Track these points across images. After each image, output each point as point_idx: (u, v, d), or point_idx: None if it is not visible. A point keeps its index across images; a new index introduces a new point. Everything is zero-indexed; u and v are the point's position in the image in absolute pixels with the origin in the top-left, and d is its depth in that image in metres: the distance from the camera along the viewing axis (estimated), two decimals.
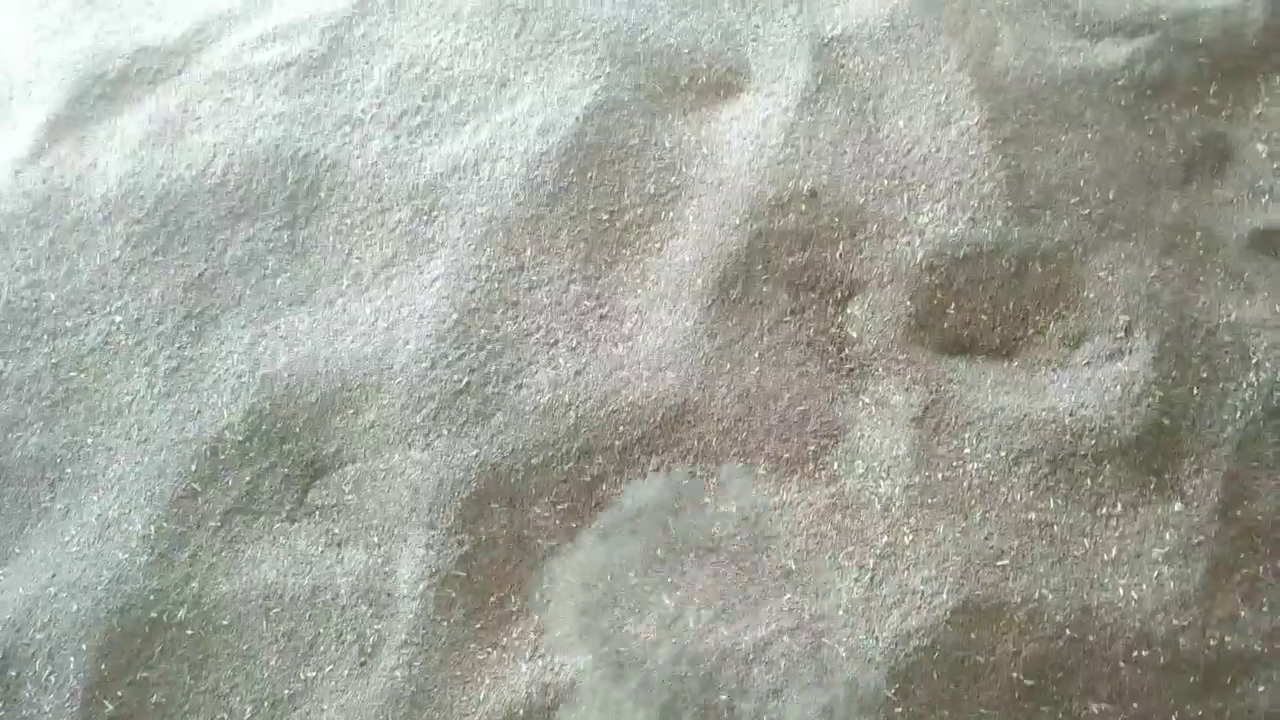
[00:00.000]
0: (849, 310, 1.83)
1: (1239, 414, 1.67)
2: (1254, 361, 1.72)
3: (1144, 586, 1.50)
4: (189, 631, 1.62)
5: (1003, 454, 1.64)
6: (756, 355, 1.78)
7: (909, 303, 1.80)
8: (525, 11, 2.33)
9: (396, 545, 1.66)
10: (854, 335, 1.80)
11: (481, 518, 1.67)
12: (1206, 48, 2.16)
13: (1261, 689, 1.43)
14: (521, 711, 1.49)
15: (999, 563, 1.52)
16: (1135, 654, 1.45)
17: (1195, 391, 1.69)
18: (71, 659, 1.61)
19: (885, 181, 1.95)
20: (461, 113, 2.20)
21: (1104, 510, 1.59)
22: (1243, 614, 1.49)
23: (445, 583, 1.61)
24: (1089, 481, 1.61)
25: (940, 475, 1.62)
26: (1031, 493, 1.60)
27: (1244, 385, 1.70)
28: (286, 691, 1.56)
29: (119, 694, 1.58)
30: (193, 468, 1.77)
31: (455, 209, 2.03)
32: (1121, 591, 1.50)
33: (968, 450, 1.65)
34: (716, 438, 1.70)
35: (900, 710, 1.40)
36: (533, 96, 2.19)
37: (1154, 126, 2.05)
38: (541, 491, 1.69)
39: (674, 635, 1.51)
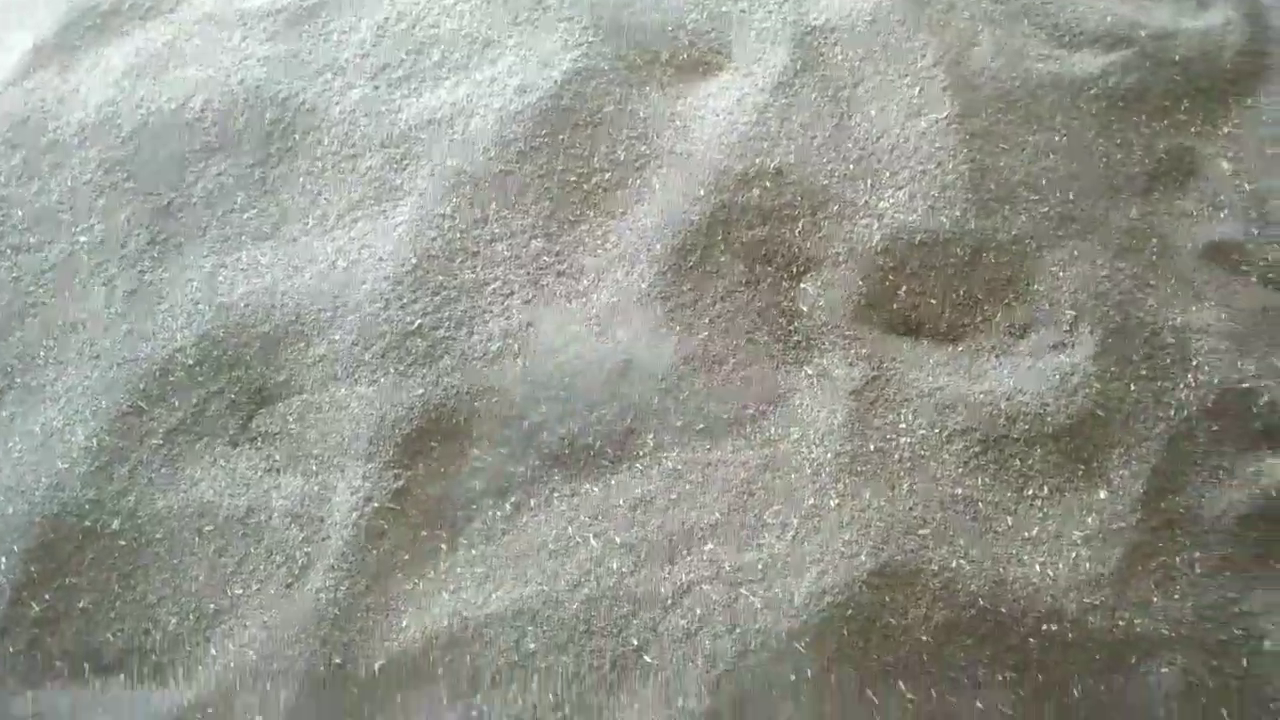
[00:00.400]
0: (802, 285, 1.91)
1: (1173, 412, 1.74)
2: (1193, 364, 1.80)
3: (1060, 565, 1.57)
4: (121, 542, 1.69)
5: (936, 431, 1.71)
6: (707, 320, 1.86)
7: (861, 282, 1.88)
8: None
9: (334, 475, 1.73)
10: (804, 310, 1.88)
11: (420, 455, 1.74)
12: (1182, 65, 2.26)
13: (1164, 670, 1.50)
14: (441, 640, 1.55)
15: (920, 531, 1.59)
16: (1044, 628, 1.51)
17: (1132, 387, 1.77)
18: (2, 559, 1.66)
19: (851, 166, 2.04)
20: (443, 69, 2.29)
21: (1030, 491, 1.66)
22: (1154, 600, 1.56)
23: (378, 514, 1.67)
24: (1018, 463, 1.68)
25: (873, 446, 1.69)
26: (961, 470, 1.67)
27: (1181, 386, 1.78)
28: (213, 606, 1.63)
29: (46, 596, 1.64)
30: (141, 386, 1.83)
31: (426, 159, 2.12)
32: (1038, 568, 1.57)
33: (903, 425, 1.72)
34: (658, 396, 1.77)
35: (809, 662, 1.47)
36: (514, 58, 2.28)
37: (1122, 136, 2.14)
38: (482, 435, 1.76)
39: (596, 578, 1.58)
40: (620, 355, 1.82)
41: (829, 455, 1.68)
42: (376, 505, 1.68)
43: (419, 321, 1.87)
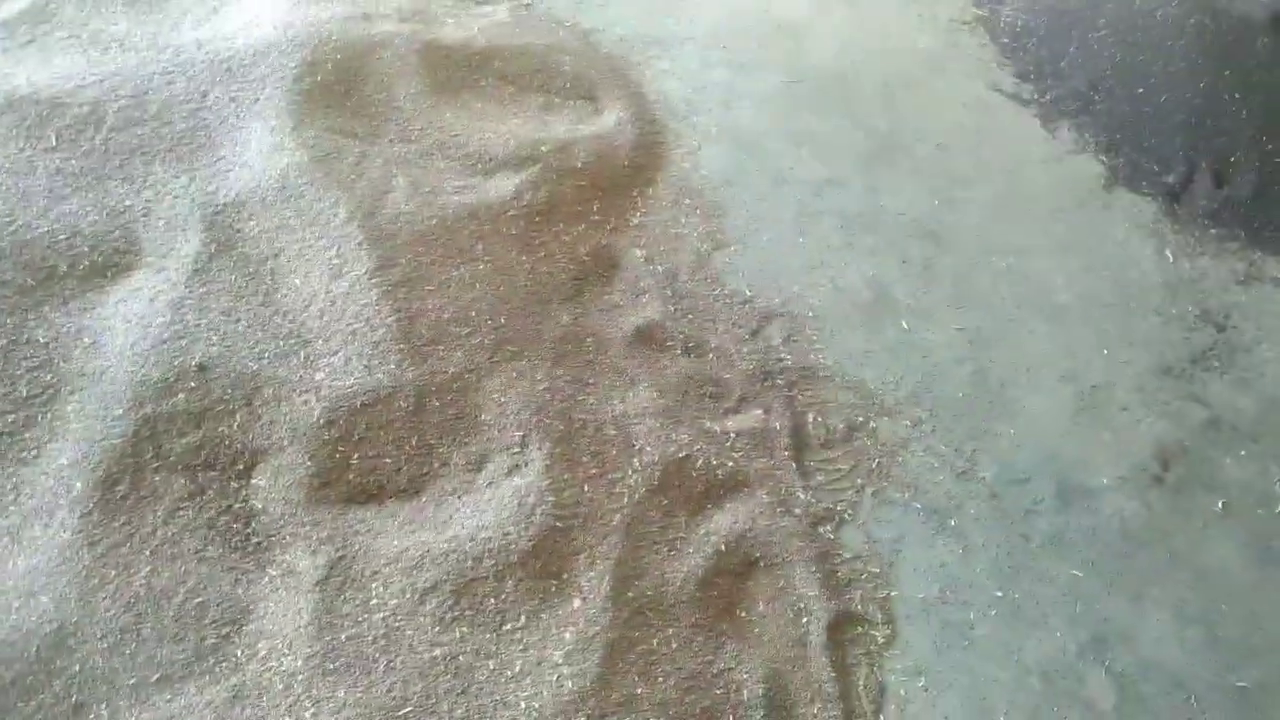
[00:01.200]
0: (253, 481, 1.86)
1: (625, 499, 1.91)
2: (637, 447, 2.00)
3: (544, 694, 1.64)
4: None
5: (408, 596, 1.73)
6: (148, 553, 1.74)
7: (310, 462, 1.87)
8: None
9: None
10: (260, 506, 1.83)
11: None
12: (585, 171, 2.53)
13: None
14: None
15: (400, 712, 1.58)
16: None
17: (586, 489, 1.91)
18: None
19: (281, 343, 2.03)
20: None
21: (508, 627, 1.72)
22: (639, 691, 1.68)
23: None
24: (493, 601, 1.74)
25: (344, 635, 1.67)
26: (437, 628, 1.70)
27: (630, 472, 1.96)
28: None
29: None
30: None
31: None
32: (524, 705, 1.63)
33: (374, 601, 1.72)
34: (103, 657, 1.62)
35: None
36: None
37: (545, 249, 2.35)
38: None
39: None
40: (49, 625, 1.64)
41: (300, 662, 1.63)
42: None
43: None
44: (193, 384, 1.94)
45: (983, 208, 2.77)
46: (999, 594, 2.01)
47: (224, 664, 1.64)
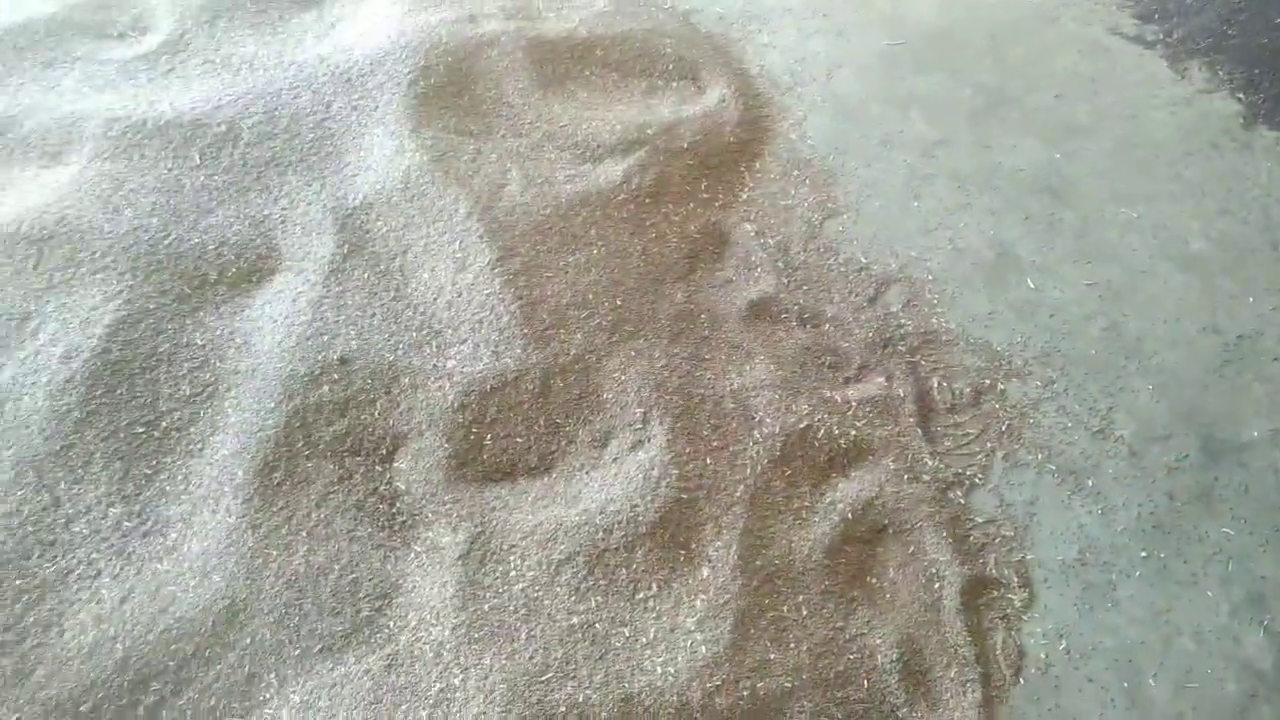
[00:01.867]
0: (396, 464, 1.97)
1: (748, 471, 1.94)
2: (756, 419, 2.02)
3: (679, 659, 1.69)
4: None
5: (544, 567, 1.80)
6: (304, 534, 1.87)
7: (447, 444, 1.97)
8: (41, 241, 2.38)
9: None
10: (403, 488, 1.94)
11: None
12: (692, 150, 2.56)
13: None
14: None
15: (544, 677, 1.66)
16: None
17: (708, 461, 1.95)
18: None
19: (414, 334, 2.14)
20: None
21: (641, 595, 1.78)
22: (771, 657, 1.71)
23: None
24: (624, 571, 1.80)
25: (487, 605, 1.76)
26: (573, 597, 1.77)
27: (750, 444, 1.99)
28: None
29: None
30: None
31: None
32: (660, 670, 1.68)
33: (513, 573, 1.81)
34: (270, 630, 1.76)
35: None
36: (55, 325, 2.22)
37: (656, 229, 2.39)
38: None
39: None
40: (222, 602, 1.79)
41: (447, 631, 1.72)
42: None
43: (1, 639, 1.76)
44: (335, 376, 2.07)
45: (1106, 157, 2.67)
46: (1143, 554, 1.95)
47: (378, 635, 1.75)
